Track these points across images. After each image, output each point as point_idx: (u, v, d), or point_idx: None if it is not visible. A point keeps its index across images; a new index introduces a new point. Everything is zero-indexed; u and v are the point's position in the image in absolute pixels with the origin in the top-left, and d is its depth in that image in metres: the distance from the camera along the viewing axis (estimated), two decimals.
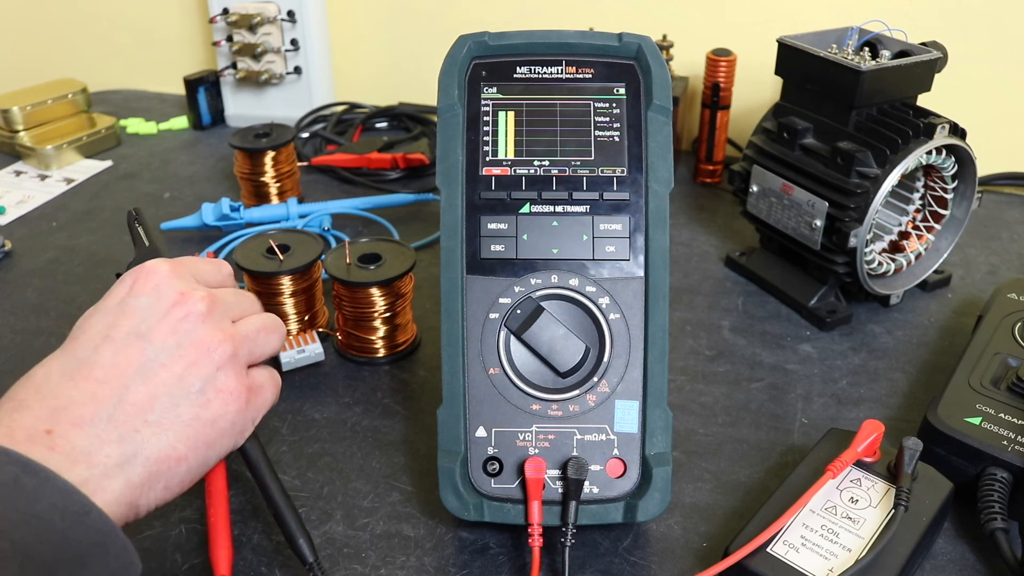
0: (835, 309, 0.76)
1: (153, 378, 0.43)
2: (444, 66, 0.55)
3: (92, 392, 0.42)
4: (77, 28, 1.34)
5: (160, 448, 0.42)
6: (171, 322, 0.45)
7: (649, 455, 0.52)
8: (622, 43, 0.56)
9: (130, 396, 0.42)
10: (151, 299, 0.46)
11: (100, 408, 0.42)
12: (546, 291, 0.53)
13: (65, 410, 0.41)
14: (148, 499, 0.42)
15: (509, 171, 0.54)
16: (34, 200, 0.98)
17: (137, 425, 0.42)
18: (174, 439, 0.43)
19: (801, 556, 0.48)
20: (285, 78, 1.13)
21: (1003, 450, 0.54)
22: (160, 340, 0.45)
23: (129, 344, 0.44)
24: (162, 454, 0.43)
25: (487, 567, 0.52)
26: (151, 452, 0.42)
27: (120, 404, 0.42)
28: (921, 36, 0.76)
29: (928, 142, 0.69)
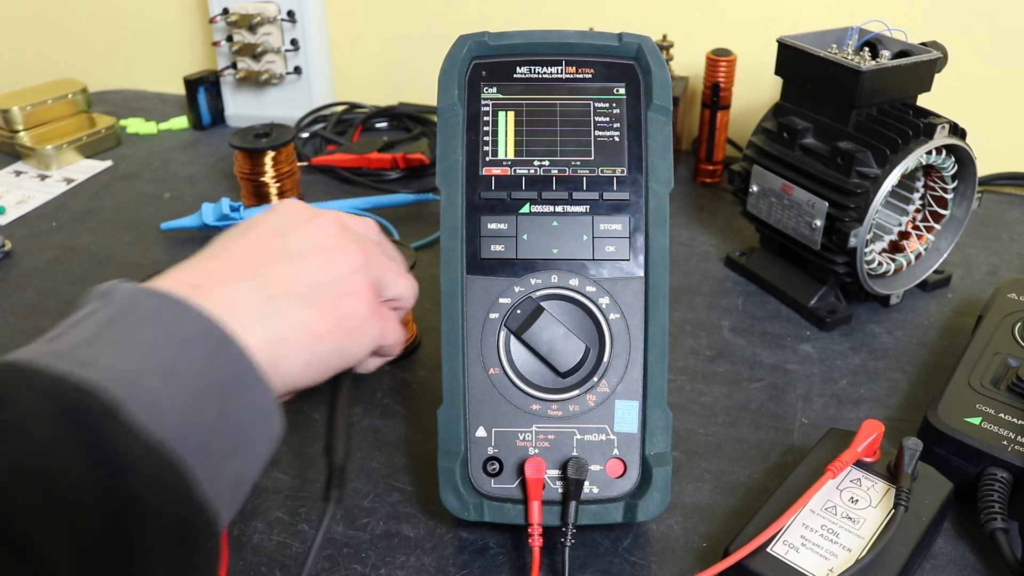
0: (835, 309, 0.76)
1: (293, 263, 0.44)
2: (444, 66, 0.55)
3: (234, 263, 0.43)
4: (77, 28, 1.34)
5: (304, 318, 0.42)
6: (308, 229, 0.47)
7: (649, 455, 0.52)
8: (622, 43, 0.56)
9: (274, 271, 0.43)
10: (288, 215, 0.48)
11: (244, 274, 0.43)
12: (546, 291, 0.53)
13: (209, 273, 0.42)
14: (290, 367, 0.42)
15: (509, 171, 0.54)
16: (34, 200, 0.98)
17: (281, 294, 0.42)
18: (316, 315, 0.43)
19: (801, 556, 0.48)
20: (285, 78, 1.13)
21: (1003, 450, 0.54)
22: (298, 239, 0.46)
23: (268, 239, 0.45)
24: (306, 323, 0.42)
25: (487, 567, 0.52)
26: (296, 318, 0.42)
27: (264, 275, 0.43)
28: (921, 36, 0.76)
29: (928, 142, 0.69)
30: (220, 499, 0.36)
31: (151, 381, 0.35)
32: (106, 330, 0.36)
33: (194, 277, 0.41)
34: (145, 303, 0.38)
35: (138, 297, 0.38)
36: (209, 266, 0.43)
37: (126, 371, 0.35)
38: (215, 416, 0.36)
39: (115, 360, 0.35)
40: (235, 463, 0.38)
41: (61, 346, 0.35)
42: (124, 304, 0.37)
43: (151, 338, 0.36)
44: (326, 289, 0.45)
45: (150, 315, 0.37)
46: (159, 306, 0.38)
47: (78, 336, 0.36)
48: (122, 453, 0.32)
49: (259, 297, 0.42)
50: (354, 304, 0.46)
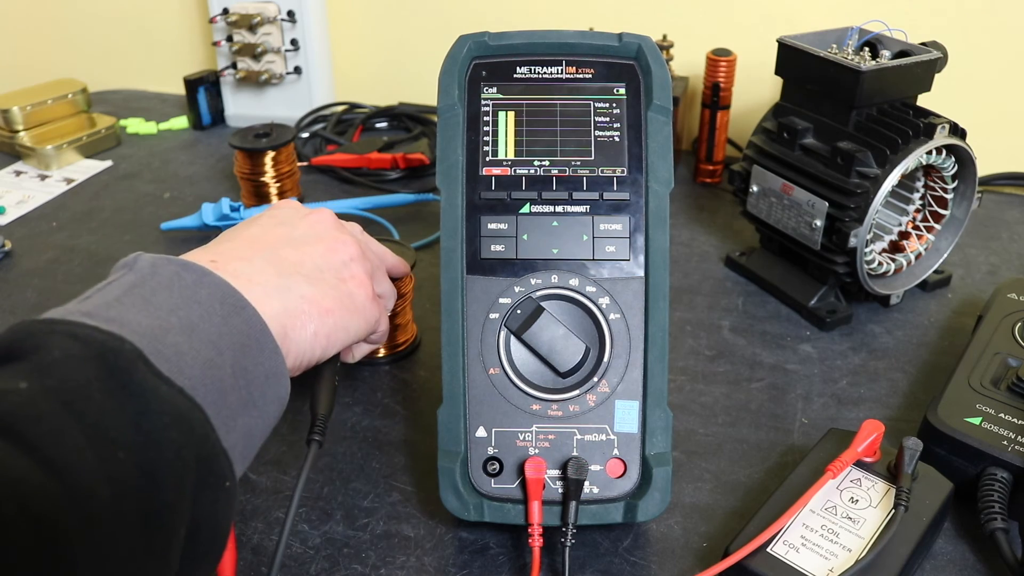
0: (835, 309, 0.76)
1: (299, 248, 0.49)
2: (444, 66, 0.55)
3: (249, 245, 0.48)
4: (77, 28, 1.34)
5: (312, 293, 0.47)
6: (309, 222, 0.52)
7: (649, 455, 0.52)
8: (622, 43, 0.56)
9: (282, 253, 0.48)
10: (288, 211, 0.53)
11: (256, 251, 0.47)
12: (546, 291, 0.53)
13: (225, 253, 0.46)
14: (301, 336, 0.46)
15: (509, 171, 0.54)
16: (34, 200, 0.98)
17: (290, 271, 0.47)
18: (322, 292, 0.47)
19: (801, 556, 0.48)
20: (285, 78, 1.13)
21: (1003, 450, 0.54)
22: (301, 229, 0.51)
23: (273, 228, 0.50)
24: (314, 298, 0.47)
25: (487, 567, 0.52)
26: (304, 292, 0.46)
27: (275, 255, 0.47)
28: (921, 36, 0.76)
29: (928, 142, 0.69)
30: (234, 449, 0.39)
31: (174, 337, 0.38)
32: (130, 293, 0.39)
33: (210, 255, 0.45)
34: (166, 270, 0.41)
35: (159, 265, 0.41)
36: (223, 248, 0.47)
37: (150, 327, 0.37)
38: (231, 372, 0.40)
39: (140, 317, 0.38)
40: (248, 417, 0.41)
41: (89, 306, 0.38)
42: (146, 271, 0.41)
43: (172, 300, 0.40)
44: (331, 272, 0.49)
45: (171, 280, 0.40)
46: (179, 273, 0.41)
47: (104, 298, 0.39)
48: (150, 394, 0.35)
49: (270, 272, 0.46)
50: (355, 287, 0.50)
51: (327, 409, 0.52)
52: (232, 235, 0.49)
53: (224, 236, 0.50)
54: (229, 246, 0.48)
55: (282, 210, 0.53)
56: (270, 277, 0.46)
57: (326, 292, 0.48)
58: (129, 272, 0.41)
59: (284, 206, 0.54)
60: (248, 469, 0.59)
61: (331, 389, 0.53)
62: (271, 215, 0.52)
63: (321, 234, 0.51)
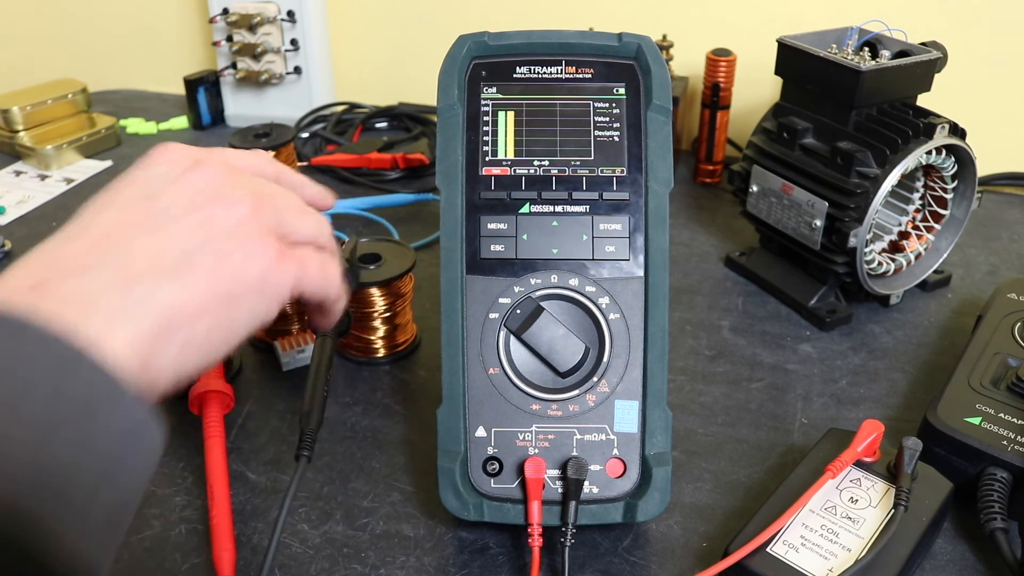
0: (835, 309, 0.76)
1: (161, 231, 0.38)
2: (444, 66, 0.55)
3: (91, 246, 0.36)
4: (77, 28, 1.34)
5: (173, 297, 0.36)
6: (183, 184, 0.40)
7: (649, 455, 0.52)
8: (622, 43, 0.56)
9: (136, 246, 0.37)
10: (163, 168, 0.41)
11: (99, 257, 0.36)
12: (546, 291, 0.53)
13: (59, 264, 0.35)
14: (165, 359, 0.36)
15: (509, 171, 0.54)
16: (34, 200, 0.98)
17: (143, 273, 0.36)
18: (189, 290, 0.37)
19: (801, 556, 0.48)
20: (285, 78, 1.13)
21: (1003, 450, 0.54)
22: (170, 198, 0.40)
23: (134, 204, 0.39)
24: (175, 303, 0.36)
25: (487, 567, 0.52)
26: (162, 299, 0.36)
27: (126, 253, 0.36)
28: (921, 36, 0.76)
29: (928, 142, 0.69)
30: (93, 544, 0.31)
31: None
32: None
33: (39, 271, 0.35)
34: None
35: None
36: (62, 252, 0.36)
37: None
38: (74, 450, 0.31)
39: None
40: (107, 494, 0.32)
41: None
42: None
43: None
44: (203, 252, 0.38)
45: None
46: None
47: None
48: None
49: (118, 285, 0.35)
50: (242, 259, 0.39)
51: (316, 423, 0.51)
52: (82, 227, 0.38)
53: (74, 226, 0.38)
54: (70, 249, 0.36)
55: (155, 167, 0.42)
56: (117, 293, 0.35)
57: (195, 286, 0.37)
58: None
59: (159, 160, 0.42)
60: (247, 469, 0.59)
61: (321, 400, 0.52)
62: (138, 181, 0.41)
63: (193, 201, 0.40)
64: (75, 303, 0.33)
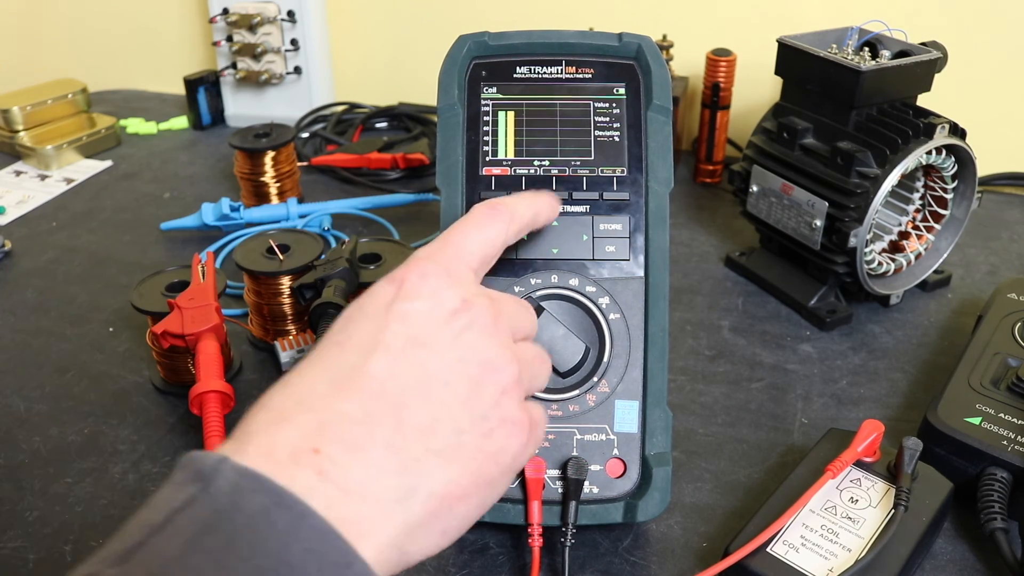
0: (835, 309, 0.75)
1: (434, 397, 0.36)
2: (444, 66, 0.55)
3: (367, 409, 0.34)
4: (77, 28, 1.34)
5: (444, 482, 0.35)
6: (453, 331, 0.38)
7: (649, 455, 0.52)
8: (622, 43, 0.56)
9: (410, 417, 0.35)
10: (428, 304, 0.38)
11: (377, 429, 0.34)
12: (546, 291, 0.53)
13: (335, 427, 0.34)
14: (422, 545, 0.35)
15: (509, 171, 0.54)
16: (34, 200, 0.98)
17: (419, 453, 0.35)
18: (458, 472, 0.36)
19: (801, 556, 0.48)
20: (285, 78, 1.13)
21: (1003, 450, 0.54)
22: (442, 352, 0.37)
23: (407, 353, 0.36)
24: (446, 490, 0.35)
25: (487, 567, 0.52)
26: (435, 487, 0.35)
27: (400, 426, 0.35)
28: (921, 36, 0.76)
29: (928, 142, 0.69)
30: None
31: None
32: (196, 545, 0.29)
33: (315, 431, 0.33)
34: (251, 503, 0.30)
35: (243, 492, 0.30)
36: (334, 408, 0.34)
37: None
38: None
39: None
40: None
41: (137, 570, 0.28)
42: (224, 501, 0.30)
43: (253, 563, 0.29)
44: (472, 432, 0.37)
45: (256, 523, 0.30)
46: (268, 511, 0.30)
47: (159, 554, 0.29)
48: None
49: (393, 467, 0.34)
50: (505, 437, 0.38)
51: None
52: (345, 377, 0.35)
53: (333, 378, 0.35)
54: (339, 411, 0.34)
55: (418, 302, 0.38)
56: (392, 477, 0.34)
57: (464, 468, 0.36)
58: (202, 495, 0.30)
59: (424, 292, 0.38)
60: None
61: None
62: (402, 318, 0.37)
63: (464, 359, 0.37)
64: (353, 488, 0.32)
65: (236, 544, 0.29)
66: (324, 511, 0.31)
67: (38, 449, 0.61)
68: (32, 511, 0.56)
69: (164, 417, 0.64)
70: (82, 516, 0.56)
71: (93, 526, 0.55)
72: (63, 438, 0.62)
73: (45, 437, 0.62)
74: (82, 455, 0.61)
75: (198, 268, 0.66)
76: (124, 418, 0.64)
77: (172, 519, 0.30)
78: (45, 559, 0.52)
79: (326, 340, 0.38)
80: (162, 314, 0.63)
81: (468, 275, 0.41)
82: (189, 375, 0.65)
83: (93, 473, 0.59)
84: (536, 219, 0.47)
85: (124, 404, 0.66)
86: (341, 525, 0.31)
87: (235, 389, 0.60)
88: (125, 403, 0.66)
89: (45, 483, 0.58)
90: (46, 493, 0.57)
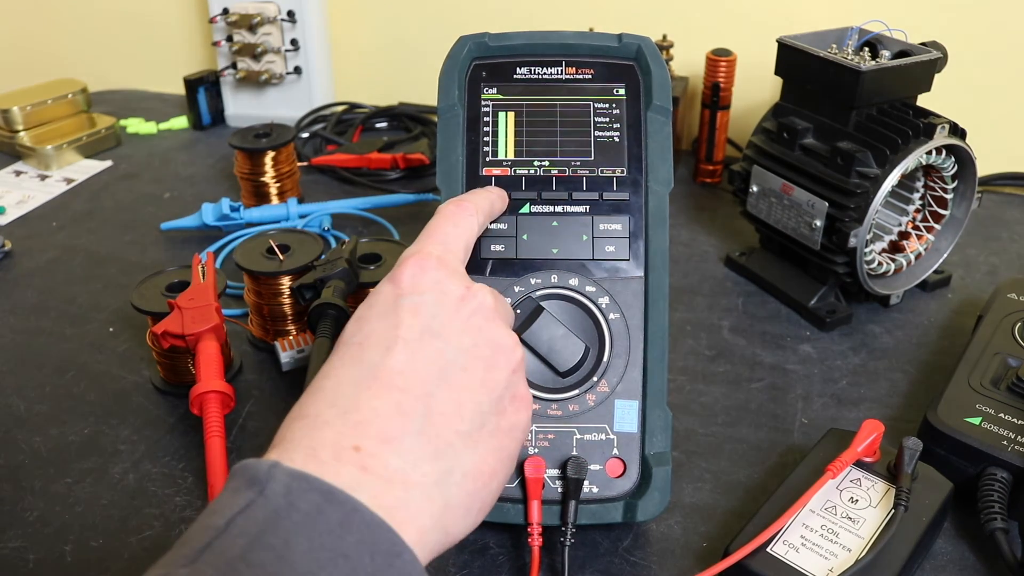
0: (835, 309, 0.76)
1: (455, 383, 0.39)
2: (444, 66, 0.55)
3: (396, 402, 0.37)
4: (77, 28, 1.34)
5: (475, 462, 0.38)
6: (463, 317, 0.40)
7: (649, 455, 0.52)
8: (622, 43, 0.56)
9: (436, 405, 0.38)
10: (434, 295, 0.40)
11: (408, 420, 0.37)
12: (546, 291, 0.53)
13: (370, 424, 0.36)
14: (462, 523, 0.38)
15: (509, 171, 0.54)
16: (34, 200, 0.98)
17: (450, 437, 0.37)
18: (485, 451, 0.39)
19: (801, 556, 0.48)
20: (285, 78, 1.13)
21: (1003, 450, 0.54)
22: (456, 339, 0.40)
23: (425, 344, 0.39)
24: (477, 468, 0.38)
25: (487, 567, 0.52)
26: (468, 467, 0.38)
27: (428, 415, 0.37)
28: (921, 36, 0.76)
29: (928, 142, 0.69)
30: None
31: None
32: (259, 543, 0.31)
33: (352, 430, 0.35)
34: (305, 502, 0.32)
35: (296, 492, 0.32)
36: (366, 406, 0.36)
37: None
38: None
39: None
40: None
41: (209, 568, 0.30)
42: (280, 502, 0.32)
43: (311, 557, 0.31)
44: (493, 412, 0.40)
45: (311, 519, 0.32)
46: (321, 507, 0.32)
47: (227, 551, 0.31)
48: None
49: (428, 454, 0.36)
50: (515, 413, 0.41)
51: None
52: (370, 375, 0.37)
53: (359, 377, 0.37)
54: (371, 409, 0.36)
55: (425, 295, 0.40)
56: (428, 464, 0.36)
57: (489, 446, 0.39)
58: (259, 499, 0.32)
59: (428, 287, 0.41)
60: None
61: None
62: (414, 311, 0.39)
63: (476, 343, 0.40)
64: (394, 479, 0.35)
65: (295, 540, 0.31)
66: (371, 502, 0.33)
67: (38, 449, 0.61)
68: (32, 511, 0.56)
69: (164, 417, 0.64)
70: (82, 516, 0.56)
71: (93, 526, 0.55)
72: (63, 438, 0.62)
73: (45, 437, 0.62)
74: (82, 455, 0.61)
75: (198, 268, 0.66)
76: (124, 418, 0.64)
77: (234, 521, 0.32)
78: (45, 559, 0.52)
79: (343, 343, 0.39)
80: (162, 314, 0.63)
81: (460, 266, 0.44)
82: (189, 375, 0.65)
83: (93, 473, 0.59)
84: (493, 208, 0.51)
85: (124, 404, 0.66)
86: (387, 514, 0.33)
87: (235, 389, 0.60)
88: (125, 403, 0.66)
89: (45, 483, 0.58)
90: (46, 493, 0.57)
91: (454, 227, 0.45)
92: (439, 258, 0.42)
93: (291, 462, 0.34)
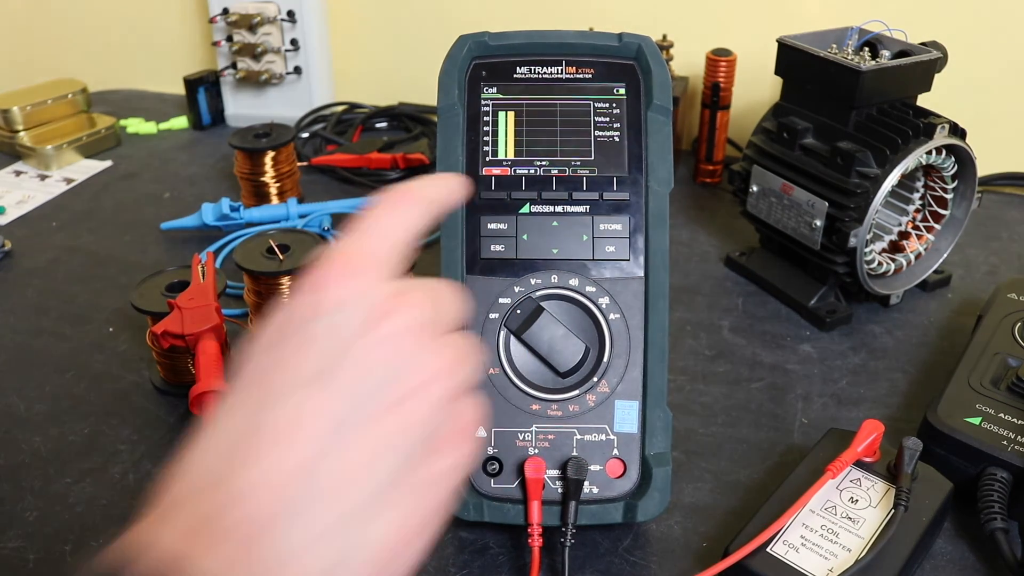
0: (835, 309, 0.75)
1: (355, 439, 0.30)
2: (444, 66, 0.55)
3: (278, 470, 0.29)
4: (77, 28, 1.34)
5: (384, 532, 0.31)
6: (373, 344, 0.31)
7: (649, 455, 0.52)
8: (622, 43, 0.56)
9: (331, 470, 0.30)
10: (342, 316, 0.32)
11: (295, 492, 0.29)
12: (546, 291, 0.53)
13: (247, 499, 0.29)
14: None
15: (509, 171, 0.54)
16: (34, 200, 0.98)
17: (349, 508, 0.30)
18: (398, 515, 0.31)
19: (801, 556, 0.48)
20: (285, 78, 1.13)
21: (1003, 450, 0.54)
22: (360, 378, 0.31)
23: (314, 394, 0.30)
24: (387, 538, 0.31)
25: (487, 567, 0.52)
26: (374, 539, 0.30)
27: (318, 485, 0.29)
28: (921, 36, 0.76)
29: (928, 142, 0.69)
30: None
31: None
32: None
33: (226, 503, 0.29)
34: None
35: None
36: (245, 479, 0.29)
37: None
38: None
39: None
40: None
41: None
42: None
43: None
44: (405, 463, 0.31)
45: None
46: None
47: None
48: None
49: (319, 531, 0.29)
50: (445, 457, 0.33)
51: None
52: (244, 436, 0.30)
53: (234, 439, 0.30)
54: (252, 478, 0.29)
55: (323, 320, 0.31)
56: (338, 536, 0.29)
57: (404, 513, 0.31)
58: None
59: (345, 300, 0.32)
60: None
61: None
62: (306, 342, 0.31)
63: (394, 375, 0.32)
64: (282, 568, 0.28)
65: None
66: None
67: (38, 449, 0.61)
68: (32, 511, 0.56)
69: (164, 417, 0.64)
70: (82, 516, 0.56)
71: (93, 526, 0.55)
72: (63, 438, 0.62)
73: (45, 437, 0.62)
74: (82, 455, 0.61)
75: (198, 268, 0.66)
76: (124, 418, 0.64)
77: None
78: (45, 559, 0.52)
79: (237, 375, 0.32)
80: (162, 314, 0.63)
81: (386, 269, 0.34)
82: (189, 375, 0.65)
83: (93, 473, 0.59)
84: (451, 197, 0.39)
85: (124, 404, 0.66)
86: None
87: None
88: (125, 403, 0.66)
89: (45, 483, 0.58)
90: (46, 493, 0.57)
91: (388, 219, 0.35)
92: (357, 265, 0.33)
93: (159, 539, 0.28)
